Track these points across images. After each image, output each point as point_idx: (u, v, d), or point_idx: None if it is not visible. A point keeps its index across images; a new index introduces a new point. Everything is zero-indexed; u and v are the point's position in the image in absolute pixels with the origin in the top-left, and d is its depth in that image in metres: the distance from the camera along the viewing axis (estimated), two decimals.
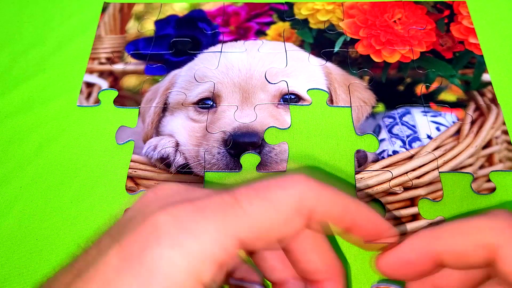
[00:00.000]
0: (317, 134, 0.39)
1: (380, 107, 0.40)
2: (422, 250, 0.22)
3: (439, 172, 0.36)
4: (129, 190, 0.36)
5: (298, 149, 0.38)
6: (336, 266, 0.25)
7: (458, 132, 0.38)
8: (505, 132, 0.38)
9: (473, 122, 0.38)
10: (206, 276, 0.19)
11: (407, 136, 0.38)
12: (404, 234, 0.34)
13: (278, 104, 0.40)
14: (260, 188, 0.21)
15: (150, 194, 0.23)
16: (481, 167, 0.36)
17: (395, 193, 0.35)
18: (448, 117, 0.39)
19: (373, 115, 0.39)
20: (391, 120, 0.39)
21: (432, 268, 0.22)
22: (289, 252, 0.25)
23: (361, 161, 0.37)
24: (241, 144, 0.37)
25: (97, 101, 0.41)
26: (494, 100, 0.40)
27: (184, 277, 0.19)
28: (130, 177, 0.37)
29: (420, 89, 0.41)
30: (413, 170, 0.36)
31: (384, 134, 0.38)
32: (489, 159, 0.36)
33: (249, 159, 0.37)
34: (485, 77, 0.41)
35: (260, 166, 0.37)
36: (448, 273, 0.23)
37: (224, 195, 0.21)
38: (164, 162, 0.37)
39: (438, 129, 0.38)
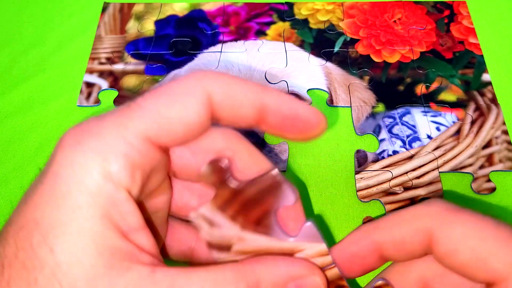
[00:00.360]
0: None
1: (380, 107, 0.40)
2: (364, 242, 0.22)
3: (439, 172, 0.36)
4: None
5: (298, 149, 0.38)
6: None
7: (458, 132, 0.38)
8: (505, 132, 0.38)
9: (473, 122, 0.38)
10: (118, 173, 0.19)
11: (407, 136, 0.38)
12: None
13: None
14: (160, 87, 0.21)
15: None
16: (481, 167, 0.36)
17: (395, 193, 0.35)
18: (448, 117, 0.39)
19: (373, 115, 0.39)
20: (391, 120, 0.39)
21: (376, 261, 0.22)
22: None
23: (361, 161, 0.37)
24: None
25: (97, 101, 0.41)
26: (494, 100, 0.40)
27: (90, 174, 0.19)
28: None
29: (420, 89, 0.41)
30: (413, 170, 0.36)
31: (384, 134, 0.38)
32: (489, 159, 0.36)
33: None
34: (485, 77, 0.41)
35: None
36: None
37: (126, 102, 0.21)
38: None
39: (438, 129, 0.38)
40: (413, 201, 0.35)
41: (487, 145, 0.37)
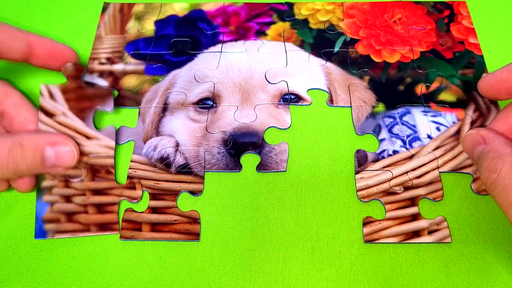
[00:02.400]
0: (317, 134, 0.39)
1: (380, 107, 0.40)
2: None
3: (439, 172, 0.36)
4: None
5: (298, 149, 0.38)
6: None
7: (458, 132, 0.38)
8: None
9: (473, 123, 0.38)
10: None
11: (407, 136, 0.38)
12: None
13: (278, 104, 0.40)
14: None
15: None
16: None
17: (395, 193, 0.35)
18: (448, 117, 0.39)
19: (373, 115, 0.39)
20: (391, 120, 0.39)
21: None
22: (3, 114, 0.35)
23: (361, 161, 0.37)
24: (241, 144, 0.37)
25: None
26: (494, 101, 0.40)
27: None
28: (130, 177, 0.37)
29: (420, 89, 0.41)
30: (413, 170, 0.36)
31: (384, 134, 0.38)
32: None
33: (249, 159, 0.37)
34: None
35: (260, 166, 0.37)
36: None
37: None
38: (164, 162, 0.37)
39: (438, 129, 0.38)
40: (413, 201, 0.35)
41: None
